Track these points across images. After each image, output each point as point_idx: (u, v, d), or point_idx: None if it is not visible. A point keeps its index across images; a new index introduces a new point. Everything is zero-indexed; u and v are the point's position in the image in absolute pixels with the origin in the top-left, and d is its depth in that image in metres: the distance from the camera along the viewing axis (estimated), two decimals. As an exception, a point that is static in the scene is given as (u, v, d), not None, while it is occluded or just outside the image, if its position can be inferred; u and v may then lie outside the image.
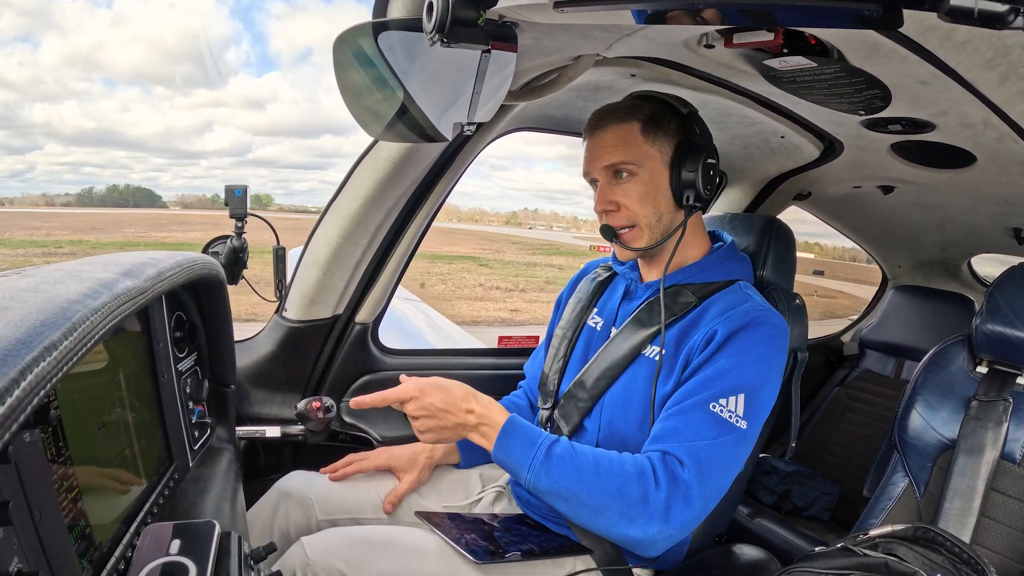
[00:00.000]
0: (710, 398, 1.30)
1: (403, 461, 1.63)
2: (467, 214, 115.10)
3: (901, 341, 3.05)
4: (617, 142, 1.44)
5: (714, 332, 1.36)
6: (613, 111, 1.47)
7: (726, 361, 1.33)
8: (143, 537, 0.86)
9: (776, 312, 1.42)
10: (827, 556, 1.25)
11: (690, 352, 1.39)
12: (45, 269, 0.80)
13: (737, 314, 1.37)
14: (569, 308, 1.73)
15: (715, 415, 1.29)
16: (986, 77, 1.15)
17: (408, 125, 1.29)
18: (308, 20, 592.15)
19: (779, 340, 1.39)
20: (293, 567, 1.33)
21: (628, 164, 1.44)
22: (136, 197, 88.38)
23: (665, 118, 1.46)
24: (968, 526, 1.53)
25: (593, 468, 1.27)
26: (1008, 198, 2.03)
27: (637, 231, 1.48)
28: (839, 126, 1.74)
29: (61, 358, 0.57)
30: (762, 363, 1.35)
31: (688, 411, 1.30)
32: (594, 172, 1.49)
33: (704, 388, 1.32)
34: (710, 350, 1.35)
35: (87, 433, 0.90)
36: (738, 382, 1.31)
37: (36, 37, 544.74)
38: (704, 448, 1.27)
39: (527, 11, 1.03)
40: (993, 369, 1.68)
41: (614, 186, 1.47)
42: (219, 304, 1.38)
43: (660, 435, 1.31)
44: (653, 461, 1.27)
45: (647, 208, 1.46)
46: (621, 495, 1.25)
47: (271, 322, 2.00)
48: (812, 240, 50.21)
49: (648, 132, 1.44)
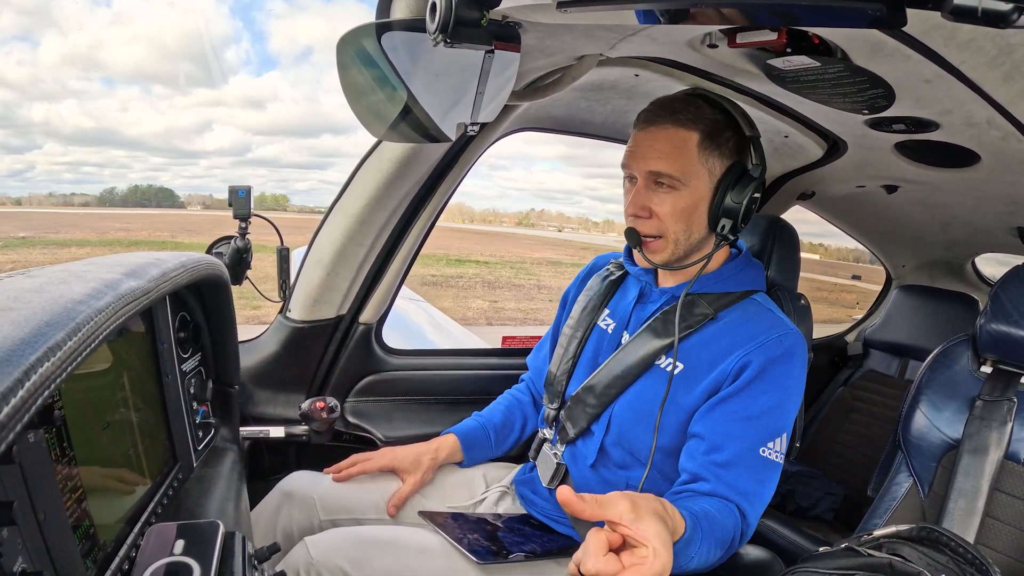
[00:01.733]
0: (760, 442, 1.32)
1: (407, 462, 1.63)
2: (480, 215, 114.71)
3: (905, 341, 3.04)
4: (670, 150, 1.36)
5: (747, 362, 1.34)
6: (675, 111, 1.37)
7: (770, 399, 1.33)
8: (147, 537, 0.87)
9: (798, 332, 1.40)
10: (831, 556, 1.24)
11: (721, 375, 1.36)
12: (50, 269, 0.80)
13: (771, 343, 1.35)
14: (578, 306, 1.69)
15: (766, 459, 1.32)
16: (990, 76, 1.15)
17: (412, 126, 1.29)
18: (308, 19, 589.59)
19: (804, 363, 1.40)
20: (297, 566, 1.33)
21: (675, 179, 1.36)
22: (158, 197, 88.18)
23: (725, 135, 1.38)
24: (972, 526, 1.53)
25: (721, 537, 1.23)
26: (1013, 197, 2.02)
27: (662, 243, 1.42)
28: (843, 125, 1.74)
29: (65, 358, 0.57)
30: (797, 396, 1.37)
31: (743, 455, 1.31)
32: (636, 170, 1.41)
33: (752, 428, 1.32)
34: (747, 379, 1.33)
35: (91, 433, 0.90)
36: (782, 423, 1.34)
37: (35, 36, 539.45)
38: (761, 494, 1.33)
39: (530, 11, 1.03)
40: (997, 369, 1.67)
41: (652, 192, 1.39)
42: (223, 304, 1.38)
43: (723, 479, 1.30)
44: (737, 524, 1.28)
45: (680, 224, 1.40)
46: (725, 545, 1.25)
47: (275, 322, 2.01)
48: (816, 241, 49.91)
49: (705, 147, 1.36)
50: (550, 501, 1.57)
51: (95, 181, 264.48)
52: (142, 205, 79.62)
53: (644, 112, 1.42)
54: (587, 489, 1.48)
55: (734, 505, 1.29)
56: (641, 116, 1.41)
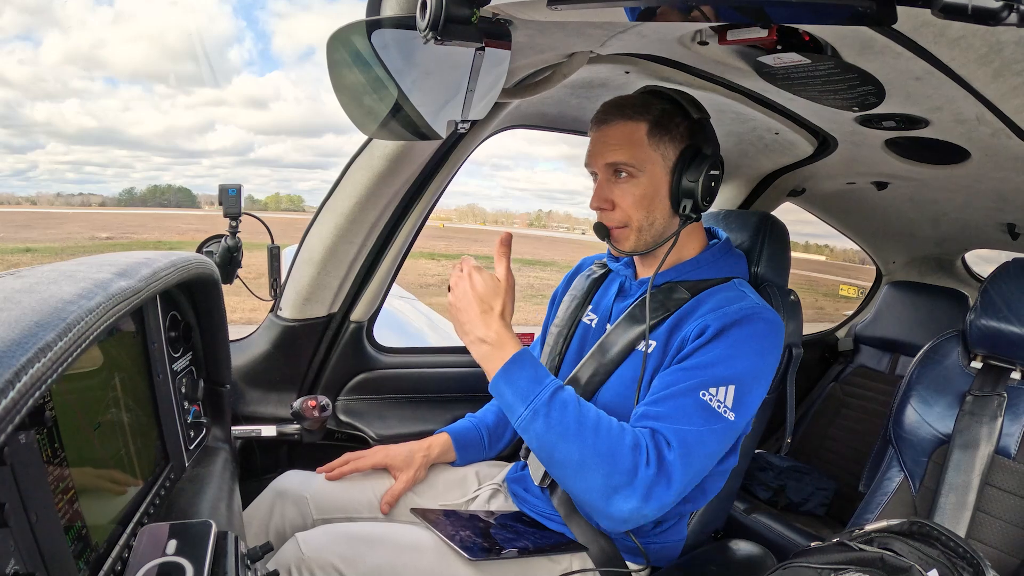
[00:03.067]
0: (700, 385, 1.29)
1: (399, 460, 1.63)
2: (492, 216, 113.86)
3: (896, 336, 3.06)
4: (622, 141, 1.42)
5: (706, 325, 1.35)
6: (622, 107, 1.44)
7: (719, 352, 1.32)
8: (139, 538, 0.86)
9: (771, 309, 1.41)
10: (823, 551, 1.25)
11: (682, 342, 1.39)
12: (39, 269, 0.80)
13: (731, 310, 1.37)
14: (564, 305, 1.73)
15: (704, 403, 1.28)
16: (980, 73, 1.15)
17: (402, 123, 1.29)
18: (311, 18, 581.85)
19: (773, 336, 1.38)
20: (288, 563, 1.33)
21: (629, 166, 1.42)
22: (178, 197, 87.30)
23: (674, 121, 1.43)
24: (963, 520, 1.54)
25: (593, 425, 1.25)
26: (1002, 194, 2.04)
27: (627, 231, 1.47)
28: (833, 123, 1.74)
29: (56, 359, 0.57)
30: (755, 357, 1.35)
31: (678, 395, 1.29)
32: (595, 166, 1.47)
33: (695, 375, 1.31)
34: (702, 340, 1.34)
35: (82, 434, 0.89)
36: (729, 373, 1.31)
37: (37, 35, 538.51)
38: (692, 433, 1.26)
39: (521, 8, 1.03)
40: (988, 364, 1.69)
41: (612, 184, 1.45)
42: (214, 303, 1.38)
43: (648, 414, 1.30)
44: (644, 437, 1.26)
45: (641, 212, 1.44)
46: (612, 460, 1.22)
47: (266, 321, 2.00)
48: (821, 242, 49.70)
49: (654, 135, 1.42)
50: (542, 499, 1.57)
51: (97, 181, 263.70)
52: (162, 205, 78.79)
53: (596, 114, 1.48)
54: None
55: (646, 430, 1.27)
56: (595, 118, 1.48)
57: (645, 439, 1.25)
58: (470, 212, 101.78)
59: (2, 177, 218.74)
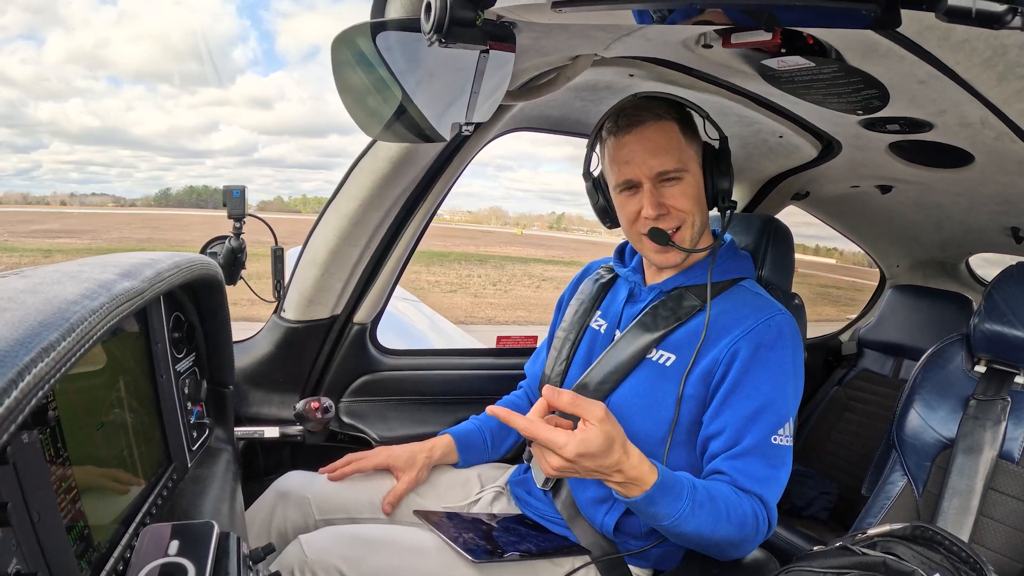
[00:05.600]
0: (771, 431, 1.33)
1: (401, 460, 1.63)
2: (513, 219, 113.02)
3: (899, 340, 3.05)
4: (665, 143, 1.40)
5: (737, 350, 1.36)
6: (647, 108, 1.41)
7: (769, 388, 1.34)
8: (142, 538, 0.86)
9: (784, 310, 1.41)
10: (825, 555, 1.25)
11: (712, 366, 1.38)
12: (43, 270, 0.80)
13: (759, 329, 1.37)
14: (571, 310, 1.72)
15: (777, 447, 1.34)
16: (984, 76, 1.15)
17: (406, 125, 1.29)
18: (315, 17, 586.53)
19: (799, 346, 1.41)
20: (291, 565, 1.33)
21: (679, 170, 1.41)
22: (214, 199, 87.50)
23: (690, 118, 1.45)
24: (967, 525, 1.54)
25: (725, 513, 1.26)
26: (1006, 197, 2.03)
27: (684, 230, 1.45)
28: (837, 126, 1.74)
29: (59, 359, 0.57)
30: (796, 377, 1.39)
31: (758, 451, 1.32)
32: (639, 176, 1.42)
33: (760, 420, 1.33)
34: (740, 369, 1.35)
35: (85, 434, 0.89)
36: (786, 409, 1.35)
37: (41, 34, 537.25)
38: (781, 479, 1.35)
39: (525, 11, 1.03)
40: (991, 368, 1.68)
41: (661, 188, 1.42)
42: (217, 305, 1.38)
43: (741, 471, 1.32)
44: (756, 506, 1.31)
45: (696, 207, 1.44)
46: (742, 536, 1.29)
47: (269, 322, 2.00)
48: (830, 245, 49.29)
49: (684, 132, 1.42)
50: (544, 502, 1.57)
51: (102, 180, 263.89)
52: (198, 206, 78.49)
53: (616, 119, 1.44)
54: (582, 488, 1.49)
55: (753, 494, 1.32)
56: (620, 123, 1.43)
57: (756, 507, 1.31)
58: (493, 215, 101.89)
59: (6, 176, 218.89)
